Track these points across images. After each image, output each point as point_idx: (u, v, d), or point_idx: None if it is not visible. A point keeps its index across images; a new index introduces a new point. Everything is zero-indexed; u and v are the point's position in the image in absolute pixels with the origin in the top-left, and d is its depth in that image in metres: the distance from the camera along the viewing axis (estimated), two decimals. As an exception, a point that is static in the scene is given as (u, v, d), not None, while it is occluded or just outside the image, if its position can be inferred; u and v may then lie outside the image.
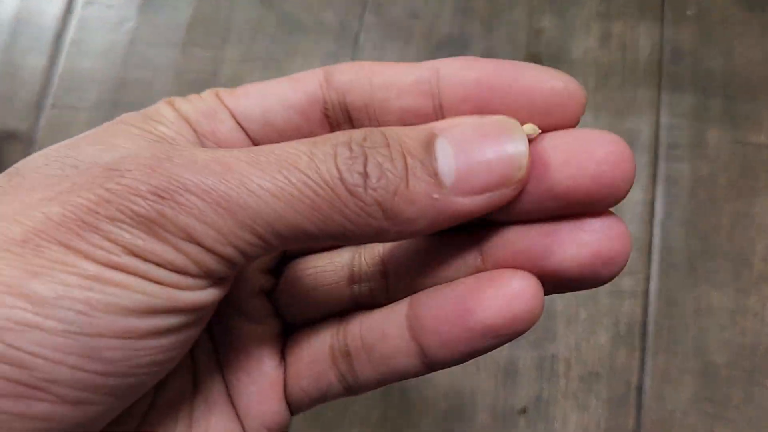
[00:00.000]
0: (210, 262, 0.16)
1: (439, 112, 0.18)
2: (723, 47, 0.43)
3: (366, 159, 0.16)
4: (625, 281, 0.40)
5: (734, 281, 0.39)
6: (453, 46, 0.45)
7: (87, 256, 0.15)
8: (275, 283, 0.22)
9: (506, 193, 0.16)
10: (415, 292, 0.19)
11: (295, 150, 0.16)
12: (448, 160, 0.16)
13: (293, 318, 0.22)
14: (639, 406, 0.38)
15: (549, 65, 0.18)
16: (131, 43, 0.46)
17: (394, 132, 0.16)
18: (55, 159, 0.17)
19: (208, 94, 0.20)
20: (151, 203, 0.15)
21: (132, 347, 0.15)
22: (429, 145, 0.16)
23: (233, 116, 0.20)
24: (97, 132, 0.18)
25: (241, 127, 0.20)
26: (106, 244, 0.15)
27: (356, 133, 0.16)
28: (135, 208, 0.15)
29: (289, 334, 0.22)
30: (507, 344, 0.38)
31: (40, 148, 0.20)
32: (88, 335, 0.14)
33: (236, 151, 0.16)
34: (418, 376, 0.19)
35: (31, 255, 0.14)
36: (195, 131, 0.19)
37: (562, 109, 0.17)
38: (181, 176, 0.15)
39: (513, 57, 0.45)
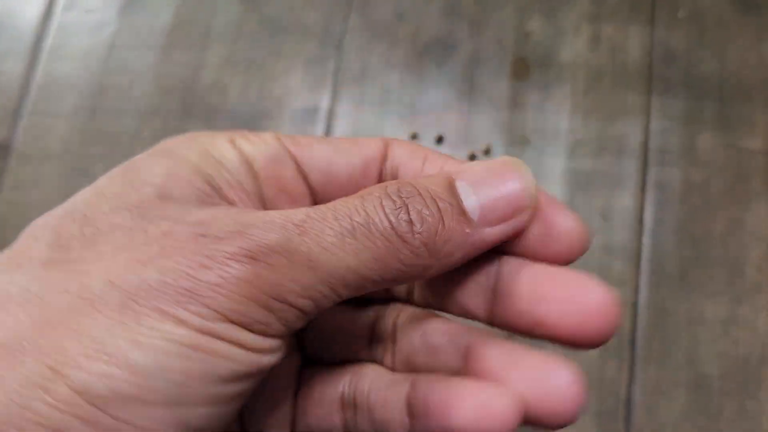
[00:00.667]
0: (292, 317, 0.17)
1: None
2: (716, 50, 0.42)
3: (407, 208, 0.18)
4: (614, 291, 0.38)
5: (727, 290, 0.38)
6: (439, 48, 0.44)
7: (184, 323, 0.15)
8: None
9: (523, 218, 0.19)
10: (415, 365, 0.21)
11: (349, 206, 0.18)
12: (470, 198, 0.18)
13: (315, 355, 0.23)
14: (628, 420, 0.37)
15: (537, 68, 0.20)
16: (111, 48, 0.45)
17: (419, 182, 0.19)
18: (117, 205, 0.18)
19: (270, 137, 0.21)
20: (247, 266, 0.16)
21: (216, 413, 0.16)
22: (452, 188, 0.18)
23: (295, 162, 0.21)
24: (150, 168, 0.19)
25: (303, 175, 0.21)
26: (204, 310, 0.15)
27: (390, 186, 0.18)
28: (233, 272, 0.16)
29: (304, 369, 0.23)
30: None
31: (18, 156, 0.20)
32: (184, 405, 0.15)
33: (301, 212, 0.17)
34: None
35: (131, 321, 0.15)
36: (256, 175, 0.21)
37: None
38: (268, 239, 0.16)
39: (501, 60, 0.44)
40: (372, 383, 0.21)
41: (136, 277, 0.16)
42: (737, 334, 0.38)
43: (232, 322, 0.16)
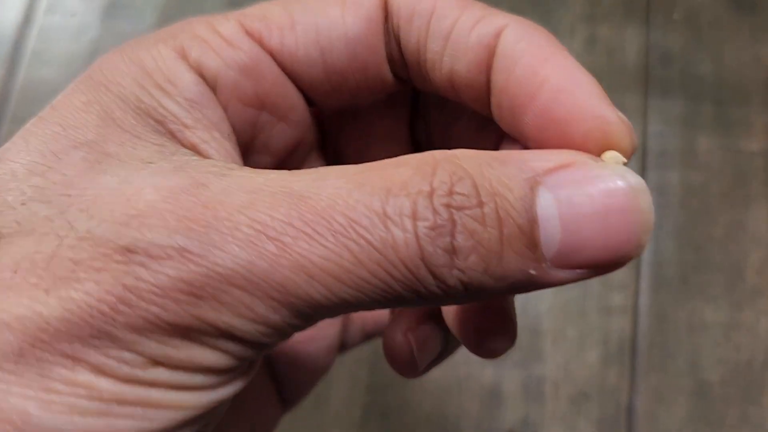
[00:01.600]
0: (250, 353, 0.13)
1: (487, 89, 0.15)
2: (712, 51, 0.42)
3: (454, 228, 0.12)
4: (614, 296, 0.38)
5: (727, 295, 0.38)
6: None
7: (103, 372, 0.12)
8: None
9: (612, 269, 0.13)
10: None
11: (359, 207, 0.12)
12: (552, 226, 0.13)
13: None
14: (630, 428, 0.36)
15: None
16: (94, 53, 0.44)
17: (486, 174, 0.13)
18: (33, 195, 0.13)
19: (233, 31, 0.15)
20: (186, 307, 0.12)
21: None
22: (531, 200, 0.13)
23: (278, 61, 0.16)
24: (78, 115, 0.14)
25: (289, 74, 0.16)
26: (127, 356, 0.12)
27: (438, 177, 0.13)
28: (165, 316, 0.12)
29: None
30: (491, 365, 0.37)
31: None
32: None
33: (283, 208, 0.12)
34: None
35: (34, 375, 0.11)
36: (224, 104, 0.15)
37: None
38: (223, 265, 0.12)
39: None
40: None
41: (33, 313, 0.12)
42: (739, 340, 0.37)
43: (167, 366, 0.12)
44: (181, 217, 0.12)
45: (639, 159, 0.40)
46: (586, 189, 0.13)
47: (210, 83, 0.15)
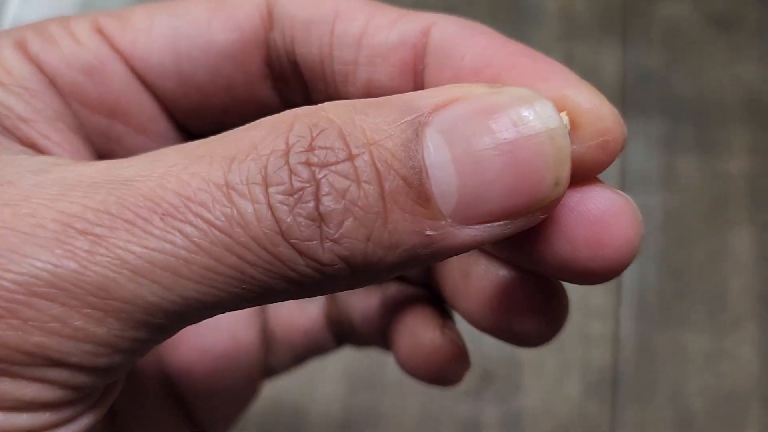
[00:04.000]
0: (85, 380, 0.11)
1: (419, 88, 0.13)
2: (690, 70, 0.41)
3: (318, 190, 0.10)
4: (594, 325, 0.37)
5: (709, 322, 0.37)
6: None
7: None
8: None
9: (535, 219, 0.11)
10: None
11: (194, 181, 0.10)
12: (446, 174, 0.10)
13: None
14: (612, 461, 0.35)
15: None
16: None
17: (358, 122, 0.10)
18: None
19: (84, 30, 0.13)
20: None
21: None
22: (416, 145, 0.10)
23: (129, 65, 0.13)
24: None
25: (142, 81, 0.13)
26: None
27: (295, 132, 0.10)
28: None
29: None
30: (469, 398, 0.36)
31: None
32: None
33: (101, 194, 0.10)
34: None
35: None
36: (64, 99, 0.13)
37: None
38: (18, 271, 0.10)
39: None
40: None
41: None
42: (722, 368, 0.36)
43: None
44: None
45: (618, 181, 0.39)
46: (484, 123, 0.11)
47: (49, 77, 0.13)
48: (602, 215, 0.12)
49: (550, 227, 0.12)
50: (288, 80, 0.14)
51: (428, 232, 0.11)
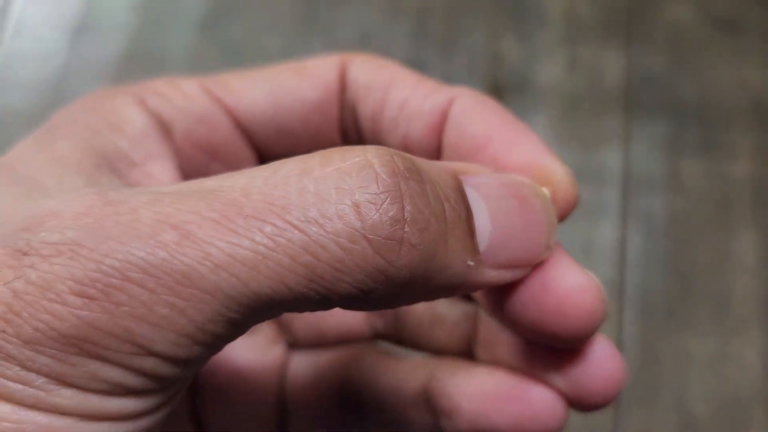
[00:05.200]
0: (172, 371, 0.12)
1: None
2: (695, 73, 0.41)
3: (402, 197, 0.11)
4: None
5: (714, 326, 0.37)
6: (410, 73, 0.42)
7: (2, 397, 0.11)
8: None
9: (523, 272, 0.14)
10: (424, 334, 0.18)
11: (278, 190, 0.11)
12: (482, 218, 0.13)
13: (302, 340, 0.19)
14: (615, 465, 0.35)
15: (512, 93, 0.18)
16: (62, 78, 0.43)
17: (418, 162, 0.12)
18: None
19: (193, 89, 0.16)
20: (75, 312, 0.10)
21: None
22: (461, 190, 0.13)
23: (234, 118, 0.16)
24: (17, 153, 0.14)
25: (245, 133, 0.16)
26: (26, 375, 0.11)
27: (372, 152, 0.12)
28: (55, 324, 0.10)
29: (291, 360, 0.19)
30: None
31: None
32: None
33: (197, 199, 0.11)
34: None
35: None
36: (176, 144, 0.15)
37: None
38: (116, 257, 0.11)
39: (473, 84, 0.42)
40: (378, 376, 0.17)
41: None
42: (725, 372, 0.36)
43: (73, 386, 0.11)
44: (77, 214, 0.11)
45: (621, 184, 0.39)
46: (505, 188, 0.13)
47: (166, 127, 0.15)
48: (569, 291, 0.14)
49: (526, 296, 0.14)
50: (349, 132, 0.17)
51: (469, 262, 0.12)
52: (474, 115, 0.16)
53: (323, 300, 0.11)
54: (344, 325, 0.18)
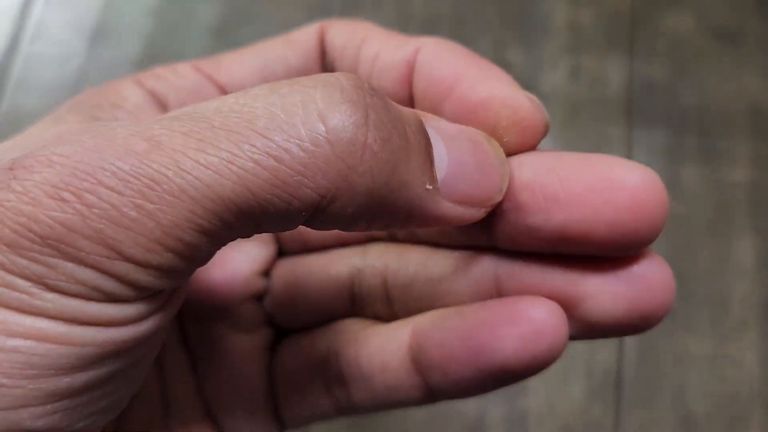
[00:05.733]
0: (146, 279, 0.12)
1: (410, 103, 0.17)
2: (696, 82, 0.42)
3: (366, 108, 0.12)
4: (599, 328, 0.37)
5: (713, 327, 0.37)
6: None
7: None
8: (267, 285, 0.19)
9: (478, 213, 0.14)
10: (420, 310, 0.17)
11: (253, 102, 0.12)
12: (440, 151, 0.13)
13: (286, 324, 0.19)
14: (615, 463, 0.36)
15: None
16: (78, 81, 0.44)
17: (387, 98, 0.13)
18: None
19: (185, 68, 0.17)
20: (50, 213, 0.11)
21: (65, 407, 0.12)
22: (422, 124, 0.13)
23: (223, 91, 0.17)
24: (39, 127, 0.15)
25: None
26: (10, 279, 0.11)
27: (344, 77, 0.13)
28: (32, 226, 0.11)
29: (276, 344, 0.19)
30: (474, 398, 0.36)
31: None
32: (3, 410, 0.11)
33: (170, 119, 0.12)
34: (419, 405, 0.17)
35: None
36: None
37: (530, 132, 0.15)
38: (89, 163, 0.11)
39: (480, 91, 0.43)
40: (359, 349, 0.17)
41: None
42: (724, 373, 0.37)
43: (57, 291, 0.11)
44: (65, 132, 0.12)
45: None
46: (460, 132, 0.14)
47: (161, 102, 0.17)
48: (642, 186, 0.14)
49: (595, 196, 0.14)
50: None
51: (428, 186, 0.13)
52: (440, 59, 0.16)
53: (287, 210, 0.12)
54: (325, 302, 0.18)
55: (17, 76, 0.44)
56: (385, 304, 0.18)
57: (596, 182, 0.14)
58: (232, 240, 0.13)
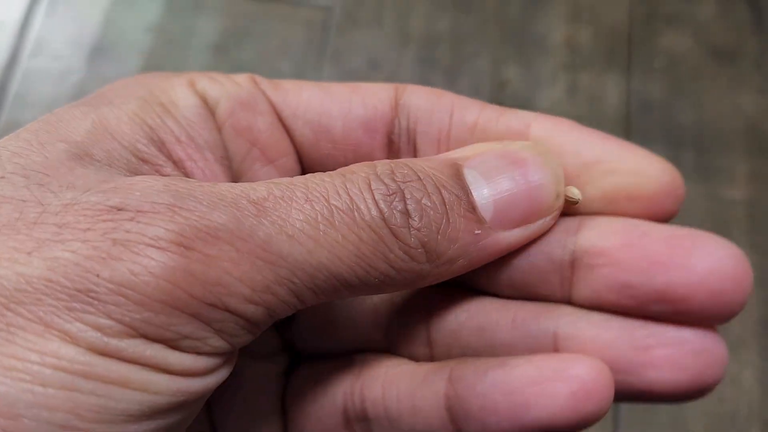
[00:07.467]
0: (235, 330, 0.13)
1: None
2: (692, 100, 0.42)
3: (404, 195, 0.14)
4: (597, 346, 0.37)
5: (711, 345, 0.37)
6: (416, 97, 0.44)
7: (74, 340, 0.11)
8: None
9: (547, 223, 0.15)
10: (461, 356, 0.16)
11: (326, 185, 0.14)
12: (482, 191, 0.15)
13: (308, 349, 0.18)
14: (614, 482, 0.35)
15: None
16: (77, 96, 0.44)
17: (418, 164, 0.15)
18: (12, 169, 0.13)
19: (243, 78, 0.17)
20: (175, 257, 0.11)
21: None
22: (458, 176, 0.15)
23: (277, 113, 0.17)
24: (72, 120, 0.14)
25: (286, 129, 0.17)
26: (104, 321, 0.11)
27: (381, 165, 0.14)
28: (152, 266, 0.11)
29: (292, 372, 0.18)
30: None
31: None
32: None
33: (262, 187, 0.13)
34: None
35: (1, 340, 0.11)
36: (219, 126, 0.16)
37: (659, 206, 0.16)
38: (210, 218, 0.12)
39: (478, 108, 0.43)
40: (386, 387, 0.16)
41: (14, 273, 0.11)
42: (722, 391, 0.36)
43: (146, 337, 0.11)
44: (167, 184, 0.13)
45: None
46: (501, 158, 0.15)
47: (211, 107, 0.16)
48: (725, 265, 0.15)
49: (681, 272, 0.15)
50: (400, 149, 0.18)
51: (476, 231, 0.14)
52: (568, 143, 0.16)
53: (367, 276, 0.14)
54: (358, 332, 0.18)
55: (16, 91, 0.44)
56: (425, 346, 0.17)
57: (701, 252, 0.15)
58: (314, 304, 0.14)
